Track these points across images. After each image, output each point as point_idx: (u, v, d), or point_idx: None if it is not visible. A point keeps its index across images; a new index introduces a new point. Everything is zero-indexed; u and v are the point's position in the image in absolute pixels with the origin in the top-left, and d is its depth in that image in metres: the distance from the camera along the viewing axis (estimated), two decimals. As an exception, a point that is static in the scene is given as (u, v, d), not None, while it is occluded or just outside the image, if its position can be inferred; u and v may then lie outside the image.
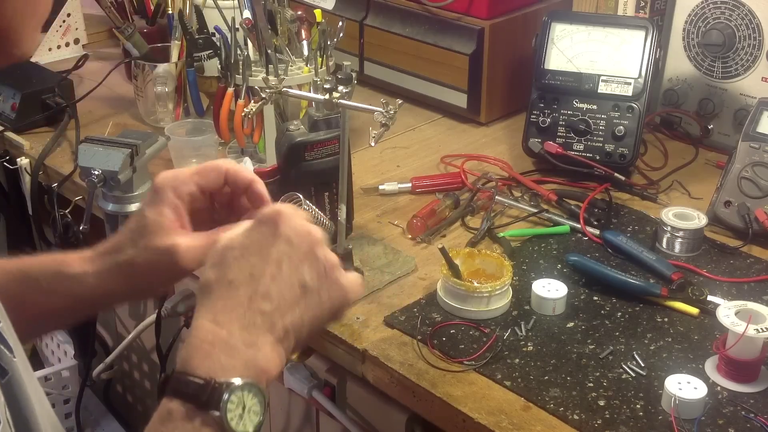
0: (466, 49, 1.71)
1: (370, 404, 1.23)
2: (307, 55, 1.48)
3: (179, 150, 1.59)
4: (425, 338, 1.15)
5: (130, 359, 1.87)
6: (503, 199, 1.47)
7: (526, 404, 1.06)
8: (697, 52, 1.66)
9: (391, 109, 1.09)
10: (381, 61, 1.84)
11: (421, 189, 1.52)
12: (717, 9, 1.61)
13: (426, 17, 1.77)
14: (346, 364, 1.19)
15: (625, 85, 1.54)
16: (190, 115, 1.73)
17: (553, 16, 1.60)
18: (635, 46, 1.55)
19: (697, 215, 1.36)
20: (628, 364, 1.11)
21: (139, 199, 1.47)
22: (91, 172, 1.42)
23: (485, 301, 1.19)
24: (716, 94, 1.65)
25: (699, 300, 1.22)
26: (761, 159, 1.39)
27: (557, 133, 1.56)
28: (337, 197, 1.24)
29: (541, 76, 1.58)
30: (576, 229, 1.40)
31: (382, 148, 1.67)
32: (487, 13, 1.70)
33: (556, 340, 1.16)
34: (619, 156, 1.53)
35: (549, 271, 1.29)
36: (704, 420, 1.03)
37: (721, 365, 1.09)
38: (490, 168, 1.58)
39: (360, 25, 1.84)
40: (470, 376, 1.10)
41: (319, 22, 1.51)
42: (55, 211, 1.58)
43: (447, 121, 1.79)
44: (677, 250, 1.34)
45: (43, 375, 1.94)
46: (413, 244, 1.37)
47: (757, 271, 1.30)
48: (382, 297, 1.25)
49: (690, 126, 1.69)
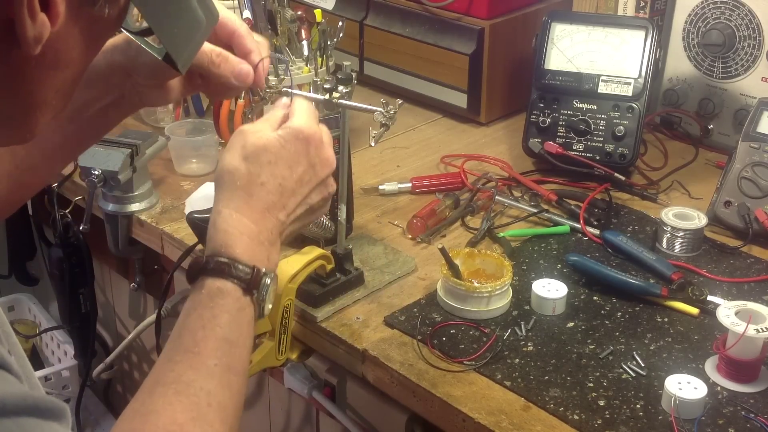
0: (466, 49, 1.71)
1: (370, 404, 1.23)
2: (307, 55, 1.48)
3: (179, 150, 1.59)
4: (425, 338, 1.15)
5: (130, 359, 1.87)
6: (503, 199, 1.47)
7: (526, 404, 1.06)
8: (697, 52, 1.66)
9: (391, 109, 1.09)
10: (381, 61, 1.84)
11: (421, 189, 1.52)
12: (717, 9, 1.61)
13: (426, 17, 1.77)
14: (346, 364, 1.19)
15: (625, 85, 1.54)
16: (190, 115, 1.73)
17: (553, 16, 1.60)
18: (635, 46, 1.55)
19: (697, 215, 1.36)
20: (628, 364, 1.11)
21: (139, 199, 1.47)
22: (91, 172, 1.42)
23: (485, 301, 1.19)
24: (716, 94, 1.65)
25: (699, 300, 1.22)
26: (761, 159, 1.39)
27: (557, 133, 1.56)
28: (337, 197, 1.24)
29: (541, 76, 1.58)
30: (576, 229, 1.40)
31: (382, 148, 1.67)
32: (487, 13, 1.70)
33: (556, 340, 1.16)
34: (619, 156, 1.53)
35: (549, 271, 1.29)
36: (704, 420, 1.03)
37: (721, 365, 1.09)
38: (490, 168, 1.58)
39: (360, 25, 1.84)
40: (470, 376, 1.10)
41: (319, 22, 1.51)
42: (55, 211, 1.58)
43: (447, 121, 1.79)
44: (677, 250, 1.34)
45: (43, 375, 1.95)
46: (413, 244, 1.37)
47: (757, 271, 1.30)
48: (382, 297, 1.25)
49: (690, 126, 1.69)
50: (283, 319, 1.14)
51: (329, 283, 1.22)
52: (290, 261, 1.15)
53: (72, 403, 1.92)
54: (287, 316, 1.14)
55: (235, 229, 0.86)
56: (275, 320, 1.13)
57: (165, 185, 1.55)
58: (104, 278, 1.83)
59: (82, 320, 1.71)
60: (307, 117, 0.95)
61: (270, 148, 0.90)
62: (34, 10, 0.62)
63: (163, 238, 1.43)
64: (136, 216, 1.47)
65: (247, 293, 0.85)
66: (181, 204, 1.47)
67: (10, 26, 0.62)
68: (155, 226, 1.44)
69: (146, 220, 1.45)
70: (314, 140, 0.93)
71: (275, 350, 1.14)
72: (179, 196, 1.51)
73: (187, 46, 0.82)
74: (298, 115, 0.95)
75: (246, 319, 0.86)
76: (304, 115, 0.96)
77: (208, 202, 1.36)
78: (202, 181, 1.49)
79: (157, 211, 1.47)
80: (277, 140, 0.91)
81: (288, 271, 1.13)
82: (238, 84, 0.96)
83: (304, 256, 1.17)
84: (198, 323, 0.82)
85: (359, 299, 1.24)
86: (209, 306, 0.83)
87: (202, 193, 1.43)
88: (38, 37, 0.63)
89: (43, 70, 0.67)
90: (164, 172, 1.58)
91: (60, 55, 0.68)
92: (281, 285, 1.13)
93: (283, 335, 1.14)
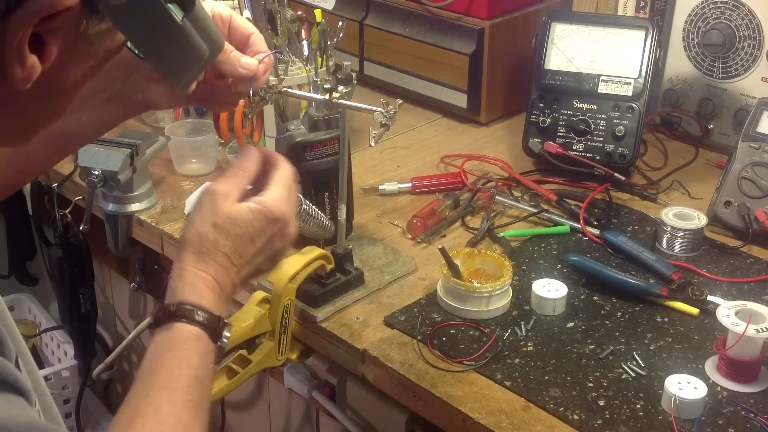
0: (466, 49, 1.71)
1: (370, 404, 1.23)
2: (307, 55, 1.48)
3: (179, 150, 1.59)
4: (425, 338, 1.15)
5: (130, 359, 1.87)
6: (503, 199, 1.47)
7: (526, 404, 1.06)
8: (697, 52, 1.66)
9: (391, 110, 1.09)
10: (381, 61, 1.84)
11: (421, 189, 1.52)
12: (717, 9, 1.61)
13: (426, 17, 1.77)
14: (346, 364, 1.19)
15: (625, 85, 1.54)
16: (190, 115, 1.73)
17: (553, 16, 1.60)
18: (635, 46, 1.55)
19: (697, 215, 1.36)
20: (628, 364, 1.11)
21: (139, 199, 1.47)
22: (91, 172, 1.42)
23: (485, 301, 1.19)
24: (716, 94, 1.65)
25: (699, 300, 1.22)
26: (761, 159, 1.39)
27: (557, 133, 1.56)
28: (337, 197, 1.24)
29: (541, 76, 1.58)
30: (576, 229, 1.40)
31: (382, 148, 1.67)
32: (487, 13, 1.70)
33: (556, 340, 1.16)
34: (619, 156, 1.53)
35: (549, 271, 1.29)
36: (704, 420, 1.03)
37: (721, 365, 1.09)
38: (490, 168, 1.58)
39: (360, 25, 1.84)
40: (470, 376, 1.10)
41: (319, 22, 1.51)
42: (55, 211, 1.58)
43: (447, 121, 1.79)
44: (677, 250, 1.34)
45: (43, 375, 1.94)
46: (413, 244, 1.37)
47: (757, 271, 1.30)
48: (382, 297, 1.25)
49: (690, 126, 1.69)
50: (283, 319, 1.14)
51: (329, 283, 1.22)
52: (290, 261, 1.15)
53: (72, 403, 1.92)
54: (287, 316, 1.14)
55: (202, 284, 0.92)
56: (275, 320, 1.13)
57: (165, 185, 1.55)
58: (104, 278, 1.83)
59: (82, 320, 1.71)
60: (281, 193, 0.97)
61: (239, 222, 0.93)
62: (23, 55, 0.62)
63: (163, 238, 1.43)
64: (136, 216, 1.47)
65: (212, 340, 0.91)
66: (181, 204, 1.47)
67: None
68: (155, 226, 1.44)
69: (146, 220, 1.45)
70: (281, 222, 0.96)
71: (275, 350, 1.14)
72: (179, 196, 1.51)
73: (187, 75, 0.84)
74: (274, 188, 0.97)
75: (211, 362, 0.91)
76: (279, 191, 0.97)
77: (208, 202, 1.37)
78: (202, 181, 1.49)
79: (157, 211, 1.47)
80: (247, 215, 0.94)
81: (288, 271, 1.13)
82: (244, 71, 0.96)
83: (304, 256, 1.17)
84: (173, 363, 0.87)
85: (359, 299, 1.24)
86: (182, 347, 0.88)
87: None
88: (27, 78, 0.63)
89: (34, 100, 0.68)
90: (164, 172, 1.58)
91: (53, 85, 0.68)
92: (281, 285, 1.13)
93: (283, 335, 1.15)
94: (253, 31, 0.99)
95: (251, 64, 0.97)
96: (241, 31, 0.98)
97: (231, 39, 0.98)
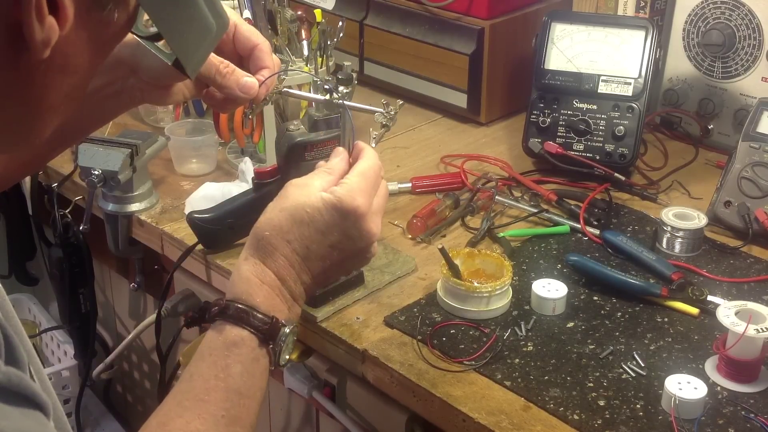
0: (466, 49, 1.71)
1: (370, 404, 1.23)
2: (307, 55, 1.48)
3: (179, 150, 1.59)
4: (425, 338, 1.15)
5: (130, 359, 1.87)
6: (503, 199, 1.47)
7: (526, 404, 1.06)
8: (697, 52, 1.66)
9: (391, 110, 1.09)
10: (381, 61, 1.84)
11: (421, 189, 1.52)
12: (717, 9, 1.61)
13: (426, 17, 1.77)
14: (346, 364, 1.19)
15: (625, 85, 1.54)
16: (190, 115, 1.73)
17: (553, 16, 1.60)
18: (635, 46, 1.55)
19: (697, 215, 1.36)
20: (628, 364, 1.11)
21: (139, 199, 1.47)
22: (91, 172, 1.42)
23: (485, 301, 1.19)
24: (716, 94, 1.65)
25: (699, 300, 1.22)
26: (761, 159, 1.39)
27: (557, 133, 1.56)
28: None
29: (541, 76, 1.58)
30: (576, 229, 1.40)
31: (382, 148, 1.67)
32: (487, 13, 1.70)
33: (556, 340, 1.16)
34: (619, 156, 1.53)
35: (549, 271, 1.29)
36: (704, 420, 1.03)
37: (721, 365, 1.09)
38: (490, 168, 1.58)
39: (360, 25, 1.84)
40: (470, 376, 1.10)
41: (319, 22, 1.51)
42: (55, 211, 1.58)
43: (447, 121, 1.79)
44: (677, 250, 1.34)
45: (43, 375, 1.94)
46: (413, 244, 1.37)
47: (757, 271, 1.30)
48: (382, 297, 1.25)
49: (690, 126, 1.69)
50: (283, 319, 1.14)
51: (329, 283, 1.22)
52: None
53: (72, 403, 1.92)
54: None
55: (257, 278, 0.87)
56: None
57: (165, 185, 1.55)
58: (104, 278, 1.83)
59: (82, 320, 1.71)
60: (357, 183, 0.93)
61: (306, 207, 0.90)
62: (42, 12, 0.62)
63: (163, 238, 1.43)
64: (136, 216, 1.47)
65: (264, 344, 0.86)
66: (181, 204, 1.47)
67: (18, 30, 0.61)
68: (155, 226, 1.44)
69: (146, 220, 1.45)
70: (352, 215, 0.92)
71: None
72: (179, 196, 1.51)
73: (197, 52, 0.82)
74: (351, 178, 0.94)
75: (260, 370, 0.86)
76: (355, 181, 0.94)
77: (208, 202, 1.37)
78: (202, 181, 1.49)
79: (157, 211, 1.47)
80: (316, 202, 0.91)
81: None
82: (242, 95, 0.95)
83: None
84: (211, 371, 0.83)
85: (359, 299, 1.24)
86: (224, 354, 0.84)
87: (202, 193, 1.43)
88: (47, 40, 0.63)
89: (51, 75, 0.67)
90: (164, 172, 1.58)
91: (69, 60, 0.67)
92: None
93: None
94: (258, 41, 0.97)
95: (251, 87, 0.95)
96: (246, 41, 0.96)
97: (235, 47, 0.97)
